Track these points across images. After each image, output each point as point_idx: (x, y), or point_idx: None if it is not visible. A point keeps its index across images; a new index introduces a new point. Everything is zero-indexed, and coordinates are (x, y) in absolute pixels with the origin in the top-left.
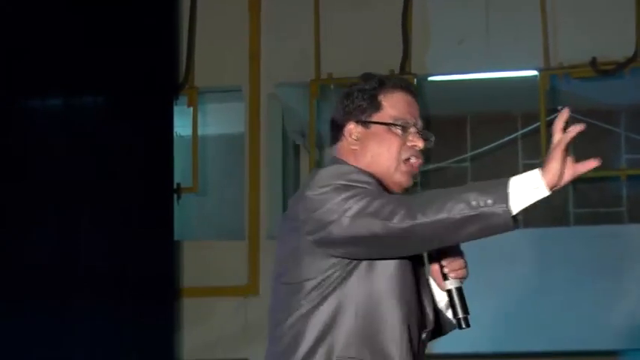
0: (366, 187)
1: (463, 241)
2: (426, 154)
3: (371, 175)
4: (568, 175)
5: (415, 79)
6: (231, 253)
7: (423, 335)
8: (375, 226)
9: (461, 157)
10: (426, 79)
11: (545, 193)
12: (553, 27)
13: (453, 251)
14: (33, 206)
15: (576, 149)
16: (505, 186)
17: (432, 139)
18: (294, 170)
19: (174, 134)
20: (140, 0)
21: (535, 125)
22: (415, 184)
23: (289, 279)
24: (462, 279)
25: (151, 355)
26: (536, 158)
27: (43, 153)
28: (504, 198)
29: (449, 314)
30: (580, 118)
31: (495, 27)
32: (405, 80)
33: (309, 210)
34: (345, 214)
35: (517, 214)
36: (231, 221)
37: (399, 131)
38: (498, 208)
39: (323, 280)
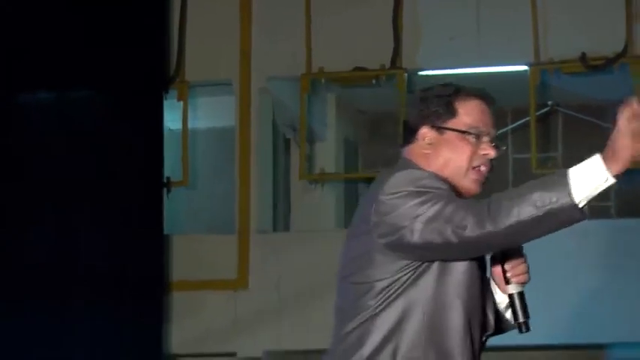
0: (438, 193)
1: (535, 239)
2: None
3: (444, 180)
4: (634, 153)
5: (406, 75)
6: (221, 247)
7: (484, 338)
8: (447, 233)
9: None
10: (417, 75)
11: (609, 178)
12: (543, 22)
13: (516, 255)
14: (29, 205)
15: (566, 145)
16: (566, 179)
17: (504, 148)
18: (284, 164)
19: (165, 128)
20: None
21: (525, 120)
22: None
23: (359, 279)
24: (523, 283)
25: (140, 348)
26: (526, 153)
27: (38, 150)
28: (567, 192)
29: (508, 315)
30: (570, 113)
31: (486, 22)
32: (482, 89)
33: (381, 213)
34: (417, 219)
35: (584, 205)
36: (221, 215)
37: (472, 139)
38: (564, 204)
39: (393, 282)
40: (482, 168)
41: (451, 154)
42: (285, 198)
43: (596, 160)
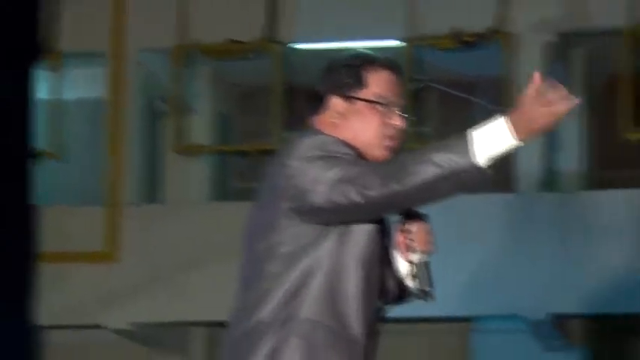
0: (344, 157)
1: (441, 200)
2: (289, 122)
3: (350, 145)
4: (543, 119)
5: (281, 47)
6: (92, 219)
7: (383, 306)
8: (352, 194)
9: None
10: (292, 48)
11: (512, 140)
12: None
13: (421, 224)
14: None
15: (439, 119)
16: (466, 140)
17: (412, 119)
18: (157, 137)
19: (36, 99)
20: None
21: None
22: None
23: (262, 245)
24: (428, 253)
25: (9, 320)
26: None
27: None
28: (468, 152)
29: (410, 284)
30: (443, 88)
31: None
32: (391, 60)
33: (288, 177)
34: (323, 182)
35: (487, 165)
36: (92, 187)
37: (381, 109)
38: (465, 164)
39: (294, 246)
40: (392, 137)
41: (361, 124)
42: (158, 170)
43: (501, 122)
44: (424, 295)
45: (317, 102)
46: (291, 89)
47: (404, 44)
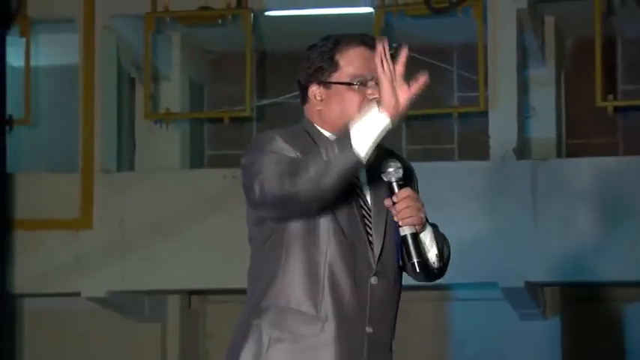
0: (271, 156)
1: (335, 191)
2: (261, 89)
3: (292, 137)
4: (404, 98)
5: (252, 15)
6: (64, 185)
7: (372, 280)
8: (258, 191)
9: (296, 92)
10: (263, 14)
11: (386, 121)
12: None
13: (404, 197)
14: None
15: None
16: (347, 132)
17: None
18: (129, 103)
19: (6, 65)
20: None
21: None
22: (250, 119)
23: (250, 239)
24: (415, 225)
25: None
26: None
27: None
28: (347, 142)
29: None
30: (413, 55)
31: None
32: (362, 34)
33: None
34: (256, 179)
35: (367, 151)
36: (64, 154)
37: (358, 87)
38: (344, 153)
39: (268, 237)
40: None
41: (341, 106)
42: (129, 137)
43: (373, 110)
44: (413, 265)
45: (302, 93)
46: (263, 56)
47: (374, 11)
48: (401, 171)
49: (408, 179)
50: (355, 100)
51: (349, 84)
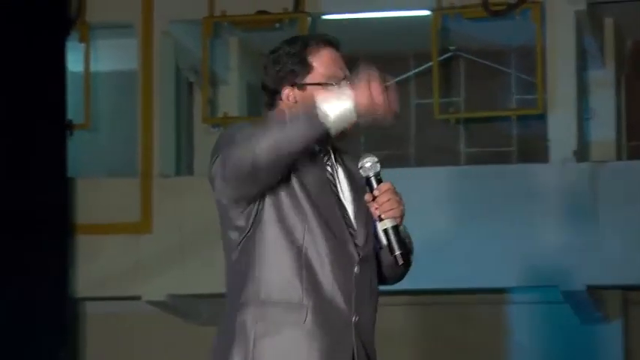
0: (237, 134)
1: (295, 156)
2: None
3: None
4: (377, 96)
5: (309, 19)
6: (124, 190)
7: (356, 269)
8: (229, 169)
9: None
10: (320, 18)
11: (351, 104)
12: None
13: (384, 190)
14: None
15: (467, 90)
16: (313, 101)
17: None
18: (187, 108)
19: (66, 70)
20: None
21: (427, 65)
22: None
23: (224, 243)
24: (396, 217)
25: (45, 293)
26: (427, 98)
27: None
28: (312, 108)
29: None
30: (472, 58)
31: None
32: (326, 35)
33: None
34: (216, 164)
35: (330, 122)
36: (124, 158)
37: (332, 88)
38: (307, 117)
39: (241, 230)
40: None
41: None
42: (188, 142)
43: (344, 88)
44: (396, 258)
45: (270, 96)
46: None
47: (432, 13)
48: (379, 165)
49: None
50: None
51: (325, 84)
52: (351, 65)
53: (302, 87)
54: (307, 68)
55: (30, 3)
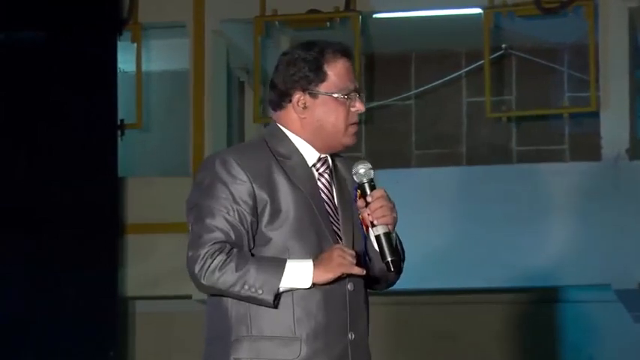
0: (202, 218)
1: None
2: (370, 92)
3: (246, 156)
4: (335, 275)
5: (360, 17)
6: (175, 189)
7: (349, 286)
8: (195, 274)
9: (405, 94)
10: (371, 17)
11: (307, 285)
12: None
13: (375, 197)
14: None
15: (519, 88)
16: (279, 275)
17: (364, 97)
18: (238, 107)
19: (118, 70)
20: None
21: (479, 63)
22: (359, 122)
23: None
24: (388, 224)
25: (96, 291)
26: (479, 96)
27: None
28: (272, 289)
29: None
30: (524, 56)
31: None
32: (341, 45)
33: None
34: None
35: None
36: (175, 157)
37: (344, 99)
38: (263, 298)
39: None
40: (355, 123)
41: (327, 116)
42: (239, 141)
43: (309, 267)
44: (388, 265)
45: (279, 97)
46: (371, 58)
47: (483, 11)
48: (372, 172)
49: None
50: (342, 112)
51: (342, 97)
52: (402, 65)
53: (314, 94)
54: (322, 76)
55: (82, 5)
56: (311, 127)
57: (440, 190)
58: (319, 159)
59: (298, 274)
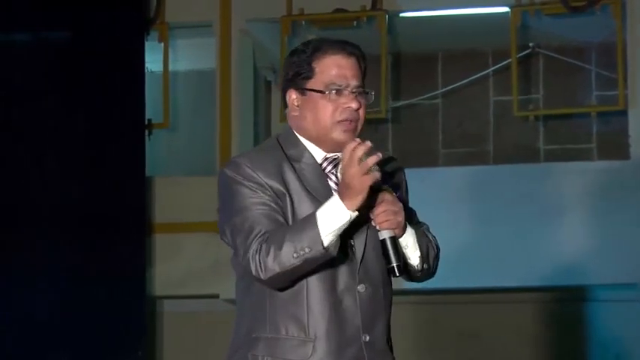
0: (237, 219)
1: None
2: (396, 91)
3: (259, 159)
4: (362, 187)
5: (387, 16)
6: (202, 188)
7: (359, 287)
8: (256, 275)
9: (432, 93)
10: (398, 16)
11: (350, 215)
12: None
13: (382, 200)
14: (10, 150)
15: (547, 87)
16: (315, 226)
17: (372, 92)
18: (265, 106)
19: (145, 70)
20: None
21: (506, 62)
22: (385, 121)
23: (236, 271)
24: (394, 229)
25: (123, 290)
26: (506, 95)
27: (12, 91)
28: (317, 240)
29: (413, 258)
30: (551, 54)
31: None
32: (341, 41)
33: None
34: (239, 253)
35: (332, 241)
36: (202, 157)
37: (332, 96)
38: (316, 252)
39: (243, 272)
40: (348, 119)
41: (315, 113)
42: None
43: (336, 201)
44: (392, 270)
45: (282, 97)
46: (398, 57)
47: (511, 10)
48: (378, 174)
49: (396, 180)
50: (328, 109)
51: (323, 92)
52: (429, 64)
53: (303, 92)
54: (310, 73)
55: (109, 4)
56: (304, 126)
57: (467, 189)
58: (325, 158)
59: (331, 214)
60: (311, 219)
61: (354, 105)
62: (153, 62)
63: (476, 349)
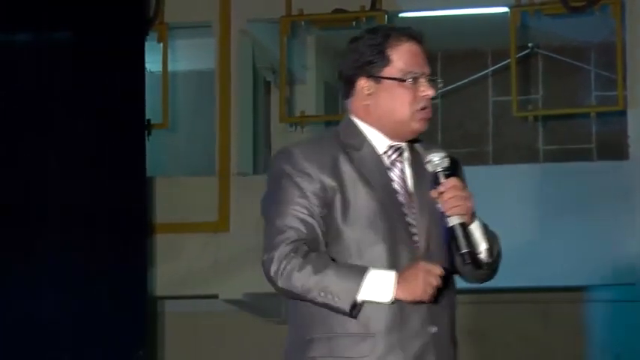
0: (275, 219)
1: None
2: None
3: (313, 152)
4: (417, 294)
5: (386, 16)
6: (202, 188)
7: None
8: (272, 277)
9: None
10: (397, 16)
11: (389, 300)
12: None
13: (449, 185)
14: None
15: (546, 87)
16: (358, 284)
17: (440, 82)
18: (264, 107)
19: (145, 70)
20: None
21: (505, 62)
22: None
23: None
24: (463, 215)
25: (124, 290)
26: (506, 95)
27: (12, 91)
28: (350, 297)
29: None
30: (550, 55)
31: None
32: (410, 29)
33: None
34: (266, 255)
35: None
36: (202, 157)
37: (409, 84)
38: (340, 305)
39: None
40: (424, 108)
41: (392, 102)
42: (265, 140)
43: (391, 281)
44: (463, 256)
45: (346, 85)
46: None
47: (510, 10)
48: (447, 160)
49: (455, 170)
50: (406, 97)
51: (401, 80)
52: (430, 63)
53: (378, 79)
54: (385, 61)
55: (109, 5)
56: (377, 114)
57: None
58: (390, 147)
59: (379, 286)
60: (359, 274)
61: (431, 92)
62: (152, 62)
63: (481, 349)
